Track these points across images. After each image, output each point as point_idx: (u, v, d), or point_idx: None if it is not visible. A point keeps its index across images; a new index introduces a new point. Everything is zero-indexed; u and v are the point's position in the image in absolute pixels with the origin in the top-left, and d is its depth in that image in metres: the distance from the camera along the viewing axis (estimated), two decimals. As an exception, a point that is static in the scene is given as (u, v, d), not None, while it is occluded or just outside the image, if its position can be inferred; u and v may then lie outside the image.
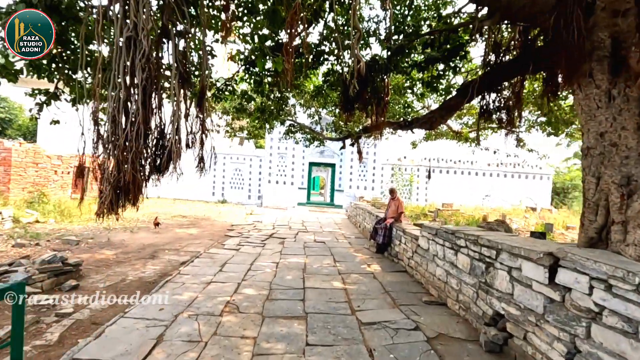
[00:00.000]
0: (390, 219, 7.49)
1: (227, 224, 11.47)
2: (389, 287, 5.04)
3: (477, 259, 3.53)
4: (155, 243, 7.74)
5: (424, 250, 5.23)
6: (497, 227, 8.64)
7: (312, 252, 7.51)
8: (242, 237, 8.94)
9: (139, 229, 9.47)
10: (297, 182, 19.15)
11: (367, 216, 10.41)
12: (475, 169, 20.24)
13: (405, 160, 20.05)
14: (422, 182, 19.60)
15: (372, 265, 6.48)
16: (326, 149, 19.36)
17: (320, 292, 4.69)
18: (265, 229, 10.73)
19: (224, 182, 19.55)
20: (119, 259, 6.17)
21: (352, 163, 19.00)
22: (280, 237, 9.22)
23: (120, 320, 3.43)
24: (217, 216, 13.65)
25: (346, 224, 13.34)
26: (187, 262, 6.03)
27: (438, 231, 4.65)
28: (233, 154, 19.58)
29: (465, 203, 19.75)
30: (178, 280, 4.89)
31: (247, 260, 6.36)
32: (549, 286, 2.45)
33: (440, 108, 6.98)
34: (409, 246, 5.99)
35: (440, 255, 4.54)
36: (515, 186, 20.34)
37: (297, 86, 7.47)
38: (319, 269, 5.97)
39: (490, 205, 19.80)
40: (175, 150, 3.37)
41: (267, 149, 19.03)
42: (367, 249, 8.13)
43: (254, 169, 19.61)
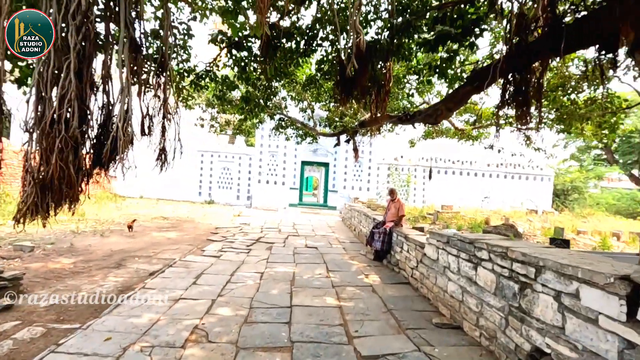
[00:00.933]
0: (390, 222, 6.82)
1: (212, 227, 10.69)
2: (391, 303, 4.35)
3: (507, 276, 2.86)
4: (126, 249, 6.95)
5: (431, 261, 4.56)
6: (505, 232, 8.05)
7: (303, 259, 6.79)
8: (225, 242, 8.19)
9: (111, 232, 8.65)
10: (289, 182, 18.42)
11: (363, 219, 9.73)
12: (475, 170, 19.75)
13: (402, 159, 19.46)
14: (419, 183, 19.03)
15: (370, 275, 5.79)
16: (319, 147, 18.68)
17: (310, 311, 3.98)
18: (253, 232, 9.97)
19: (211, 181, 18.72)
20: (77, 268, 5.37)
21: (346, 162, 18.34)
22: (268, 242, 8.48)
23: (48, 357, 2.67)
24: (201, 218, 12.84)
25: (340, 227, 12.65)
26: (157, 273, 5.26)
27: (451, 239, 3.98)
28: (221, 152, 18.76)
29: (464, 205, 19.24)
30: (140, 297, 4.13)
31: (227, 270, 5.62)
32: (627, 324, 1.77)
33: (446, 99, 6.34)
34: (413, 255, 5.31)
35: (454, 268, 3.87)
36: (515, 188, 19.91)
37: (287, 74, 6.76)
38: (309, 281, 5.26)
39: (490, 207, 19.33)
40: (123, 138, 2.61)
41: (257, 146, 18.26)
42: (364, 256, 7.45)
43: (243, 168, 18.82)
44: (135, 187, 18.46)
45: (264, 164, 18.25)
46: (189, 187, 18.64)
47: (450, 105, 6.29)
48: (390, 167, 19.19)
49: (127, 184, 18.23)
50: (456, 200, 19.38)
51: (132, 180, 19.37)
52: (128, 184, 18.23)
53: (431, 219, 12.91)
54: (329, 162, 18.90)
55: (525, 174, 19.90)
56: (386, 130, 14.04)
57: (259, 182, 18.17)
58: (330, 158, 18.92)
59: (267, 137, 18.20)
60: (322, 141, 18.48)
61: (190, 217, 12.82)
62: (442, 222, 12.59)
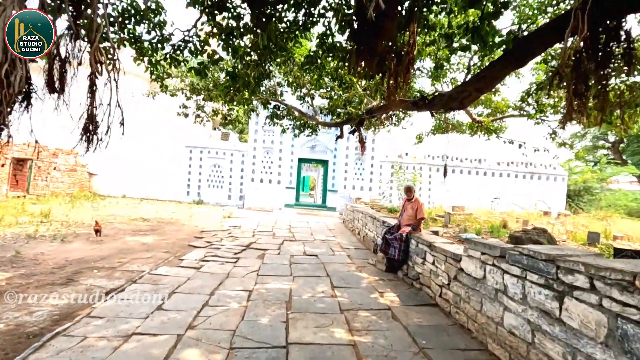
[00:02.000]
0: (407, 227, 5.77)
1: (197, 230, 9.58)
2: (421, 337, 3.29)
3: (637, 321, 1.80)
4: (86, 258, 5.83)
5: (473, 280, 3.51)
6: (537, 238, 7.03)
7: (301, 271, 5.72)
8: (210, 249, 7.10)
9: (76, 237, 7.51)
10: (285, 181, 17.33)
11: (369, 222, 8.68)
12: (484, 168, 18.80)
13: (407, 157, 18.44)
14: (425, 182, 18.01)
15: (385, 293, 4.73)
16: (318, 143, 17.62)
17: (314, 353, 2.91)
18: (243, 236, 8.87)
19: (200, 179, 17.58)
20: (12, 285, 4.26)
21: (347, 160, 17.28)
22: (260, 249, 7.40)
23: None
24: (186, 219, 11.72)
25: (341, 229, 11.59)
26: (115, 292, 4.17)
27: (510, 253, 2.93)
28: (211, 148, 17.62)
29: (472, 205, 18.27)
30: (76, 332, 3.04)
31: (206, 287, 4.53)
32: None
33: (477, 78, 5.28)
34: (442, 269, 4.26)
35: (515, 293, 2.82)
36: (527, 188, 18.98)
37: (282, 48, 5.68)
38: (310, 302, 4.19)
39: (500, 209, 18.39)
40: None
41: (251, 142, 17.15)
42: (373, 265, 6.39)
43: (235, 165, 17.70)
44: (117, 185, 17.30)
45: (258, 161, 17.15)
46: (176, 186, 17.49)
47: (482, 85, 5.25)
48: (394, 165, 18.16)
49: (109, 183, 17.08)
50: (464, 201, 18.40)
51: (114, 178, 18.20)
52: (110, 183, 17.08)
53: (442, 222, 11.89)
54: (328, 160, 17.84)
55: (538, 174, 18.97)
56: (391, 124, 13.07)
57: (252, 181, 17.07)
58: (330, 155, 17.86)
59: (262, 131, 17.11)
60: (321, 137, 17.43)
61: (174, 219, 11.69)
62: (454, 224, 11.58)
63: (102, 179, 17.45)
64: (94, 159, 17.09)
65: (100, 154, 15.28)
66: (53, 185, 14.36)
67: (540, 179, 19.03)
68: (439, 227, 10.80)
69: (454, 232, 9.81)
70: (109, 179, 17.34)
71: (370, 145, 17.35)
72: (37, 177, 13.25)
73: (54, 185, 14.38)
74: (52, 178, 14.17)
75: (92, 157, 17.05)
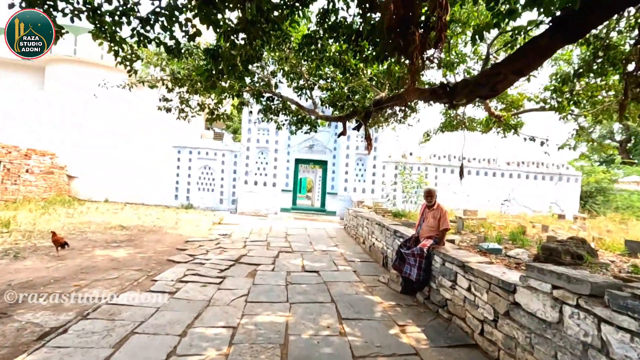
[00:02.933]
0: (427, 239, 4.84)
1: (180, 240, 8.61)
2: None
3: None
4: (36, 280, 4.84)
5: (540, 323, 2.58)
6: (576, 250, 6.12)
7: (300, 294, 4.77)
8: (192, 264, 6.13)
9: (34, 251, 6.51)
10: (281, 183, 16.37)
11: (376, 230, 7.75)
12: (494, 169, 17.94)
13: (412, 157, 17.55)
14: (431, 184, 17.09)
15: (407, 327, 3.79)
16: (316, 142, 16.69)
17: None
18: (233, 247, 7.91)
19: (189, 182, 16.57)
20: None
21: (347, 160, 16.36)
22: (252, 263, 6.44)
23: None
24: (171, 227, 10.73)
25: (343, 237, 10.66)
26: (53, 334, 3.20)
27: (613, 295, 1.99)
28: (201, 148, 16.61)
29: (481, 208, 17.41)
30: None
31: (177, 324, 3.57)
32: None
33: (516, 56, 4.37)
34: (484, 298, 3.33)
35: (628, 358, 1.88)
36: (538, 189, 18.15)
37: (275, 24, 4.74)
38: (313, 345, 3.24)
39: (511, 212, 17.55)
40: None
41: (244, 141, 16.17)
42: (385, 285, 5.46)
43: (227, 167, 16.71)
44: (100, 189, 16.26)
45: (252, 162, 16.18)
46: (163, 189, 16.47)
47: (521, 64, 4.32)
48: (398, 165, 17.25)
49: (91, 186, 16.05)
50: (473, 204, 17.54)
51: (96, 181, 17.11)
52: (91, 186, 16.06)
53: (454, 228, 10.99)
54: (327, 160, 16.90)
55: (549, 174, 18.14)
56: (396, 121, 12.22)
57: (245, 184, 16.09)
58: (329, 155, 16.93)
59: (255, 130, 16.15)
60: (320, 136, 16.52)
61: (157, 226, 10.69)
62: (468, 230, 10.69)
63: (83, 182, 16.40)
64: (74, 161, 16.07)
65: (82, 155, 14.28)
66: (26, 189, 13.30)
67: (552, 179, 18.21)
68: (452, 234, 9.89)
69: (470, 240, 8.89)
70: (91, 182, 16.29)
71: (373, 145, 16.43)
72: (5, 180, 12.19)
73: (26, 189, 13.32)
74: (24, 181, 13.11)
75: (72, 159, 16.05)
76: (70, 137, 16.16)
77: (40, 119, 16.12)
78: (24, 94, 16.40)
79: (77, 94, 17.22)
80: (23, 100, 16.11)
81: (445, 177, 17.59)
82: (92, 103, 16.46)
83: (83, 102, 16.57)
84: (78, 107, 16.45)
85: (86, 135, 16.29)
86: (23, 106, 16.02)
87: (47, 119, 16.15)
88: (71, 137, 16.18)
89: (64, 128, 16.21)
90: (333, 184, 16.76)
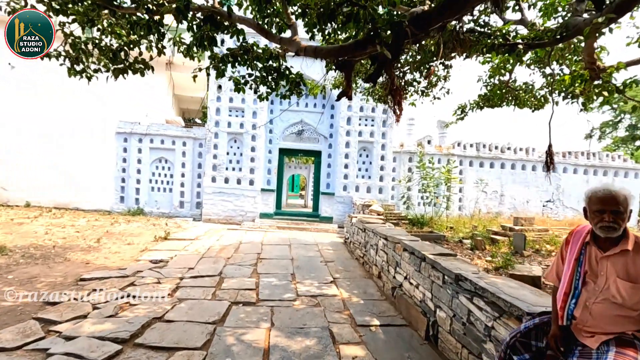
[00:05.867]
0: (614, 333, 1.65)
1: (77, 274, 5.43)
2: None
3: None
4: None
5: None
6: None
7: None
8: (47, 342, 2.91)
9: None
10: (260, 181, 13.13)
11: (406, 261, 4.58)
12: (532, 161, 14.87)
13: (430, 146, 14.38)
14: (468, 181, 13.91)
15: None
16: (307, 127, 13.48)
17: None
18: (154, 292, 4.68)
19: (139, 179, 13.25)
20: None
21: (347, 150, 13.14)
22: (160, 348, 3.23)
23: None
24: (87, 247, 7.51)
25: (344, 260, 7.49)
26: None
27: None
28: (154, 135, 13.27)
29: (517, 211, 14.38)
30: None
31: None
32: None
33: None
34: None
35: None
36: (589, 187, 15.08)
37: None
38: None
39: (556, 215, 14.51)
40: None
41: (211, 125, 12.86)
42: None
43: (189, 159, 13.41)
44: (21, 189, 12.88)
45: (222, 153, 12.90)
46: (105, 190, 13.14)
47: None
48: (413, 157, 14.09)
49: (8, 185, 12.67)
50: (506, 206, 14.49)
51: (13, 181, 13.54)
52: (9, 185, 12.67)
53: (505, 243, 7.85)
54: (320, 151, 13.68)
55: (604, 168, 15.09)
56: (416, 92, 9.28)
57: (213, 181, 12.82)
58: (323, 144, 13.71)
59: (226, 110, 12.85)
60: (309, 118, 13.30)
61: (67, 244, 7.50)
62: (530, 249, 7.56)
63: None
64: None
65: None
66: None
67: (606, 174, 15.17)
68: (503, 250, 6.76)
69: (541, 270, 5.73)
70: (7, 180, 12.90)
71: (380, 129, 13.23)
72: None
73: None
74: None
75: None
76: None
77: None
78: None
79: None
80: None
81: (472, 172, 14.46)
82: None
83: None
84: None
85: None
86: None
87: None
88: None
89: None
90: (329, 181, 13.55)
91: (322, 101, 13.45)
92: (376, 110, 13.13)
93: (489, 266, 6.22)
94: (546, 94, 9.00)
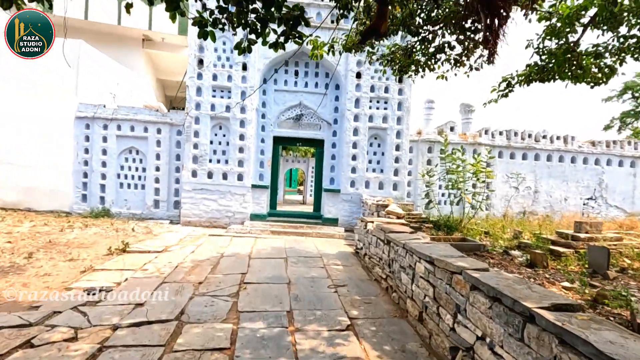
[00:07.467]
0: None
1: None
2: None
3: None
4: None
5: None
6: None
7: None
8: None
9: None
10: (250, 175, 11.22)
11: (475, 304, 2.70)
12: (572, 152, 13.01)
13: (453, 134, 12.47)
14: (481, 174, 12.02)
15: None
16: (306, 112, 11.56)
17: None
18: None
19: (104, 174, 11.30)
20: None
21: (356, 138, 11.22)
22: None
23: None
24: (16, 264, 5.63)
25: (359, 282, 5.63)
26: None
27: None
28: (121, 120, 11.30)
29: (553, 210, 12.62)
30: None
31: None
32: None
33: None
34: None
35: None
36: (633, 182, 13.33)
37: None
38: None
39: (599, 215, 12.71)
40: None
41: (191, 107, 10.90)
42: None
43: (165, 149, 11.47)
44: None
45: (204, 142, 10.96)
46: (64, 186, 11.21)
47: None
48: (432, 146, 12.20)
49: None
50: (541, 204, 12.67)
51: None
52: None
53: (572, 256, 6.00)
54: (323, 139, 11.77)
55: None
56: (448, 61, 7.58)
57: (193, 176, 10.90)
58: (326, 132, 11.79)
59: (209, 90, 10.90)
60: (311, 99, 11.39)
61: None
62: (613, 268, 5.71)
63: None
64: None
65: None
66: None
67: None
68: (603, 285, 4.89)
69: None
70: (-55, 174, 10.96)
71: (394, 113, 11.31)
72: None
73: None
74: None
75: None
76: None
77: None
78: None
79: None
80: None
81: (502, 165, 12.59)
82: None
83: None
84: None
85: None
86: None
87: None
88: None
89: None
90: (333, 175, 11.66)
91: (325, 79, 11.52)
92: (390, 90, 11.20)
93: (574, 296, 4.38)
94: (614, 63, 7.27)
